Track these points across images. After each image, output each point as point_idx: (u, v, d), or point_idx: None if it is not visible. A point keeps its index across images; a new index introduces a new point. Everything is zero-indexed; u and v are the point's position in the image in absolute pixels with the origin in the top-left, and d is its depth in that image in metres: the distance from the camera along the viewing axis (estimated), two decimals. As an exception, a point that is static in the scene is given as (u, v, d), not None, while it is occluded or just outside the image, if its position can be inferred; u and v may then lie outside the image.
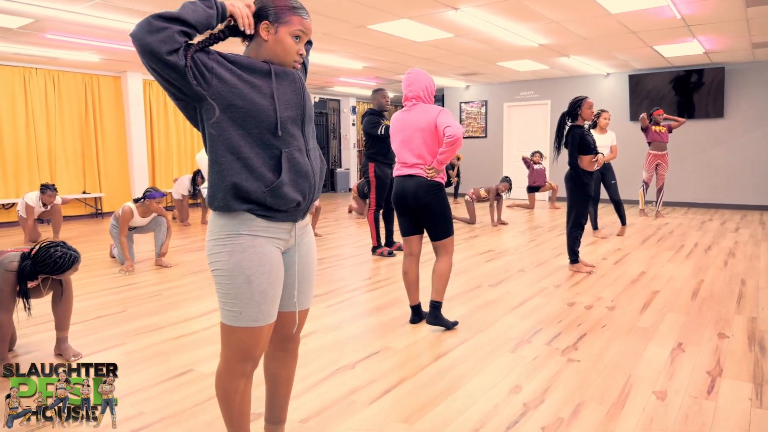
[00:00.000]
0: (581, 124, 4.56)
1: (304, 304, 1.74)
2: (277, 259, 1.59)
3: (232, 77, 1.46)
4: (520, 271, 4.56)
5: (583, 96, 4.55)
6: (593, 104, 4.51)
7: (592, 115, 4.49)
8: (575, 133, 4.49)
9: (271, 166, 1.52)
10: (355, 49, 6.99)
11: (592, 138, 4.54)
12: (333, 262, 5.07)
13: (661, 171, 7.82)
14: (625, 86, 9.48)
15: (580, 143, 4.47)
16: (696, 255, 5.15)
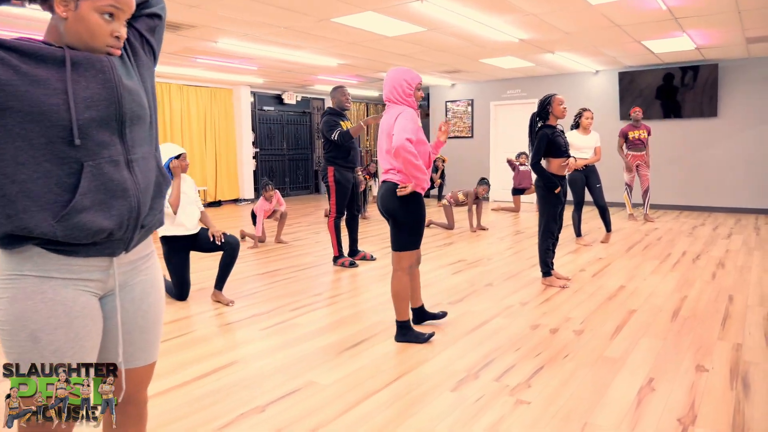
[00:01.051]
0: (553, 123, 4.17)
1: (139, 359, 1.35)
2: (84, 307, 1.20)
3: (5, 70, 1.07)
4: (488, 286, 4.17)
5: (551, 93, 4.17)
6: (563, 101, 4.12)
7: (564, 112, 4.10)
8: (543, 133, 4.10)
9: (67, 186, 1.14)
10: (325, 44, 6.60)
11: (563, 139, 4.15)
12: (287, 274, 4.68)
13: (643, 171, 7.43)
14: (614, 84, 9.08)
15: (549, 145, 4.09)
16: (683, 266, 4.76)
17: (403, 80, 2.91)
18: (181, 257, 3.81)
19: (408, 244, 2.91)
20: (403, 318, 2.96)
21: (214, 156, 10.49)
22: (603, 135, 9.17)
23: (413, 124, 2.80)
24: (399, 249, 2.93)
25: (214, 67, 8.17)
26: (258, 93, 11.42)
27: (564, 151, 4.14)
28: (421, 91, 2.93)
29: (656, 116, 8.70)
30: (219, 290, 3.84)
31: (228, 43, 6.39)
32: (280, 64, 8.03)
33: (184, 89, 9.90)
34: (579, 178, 5.66)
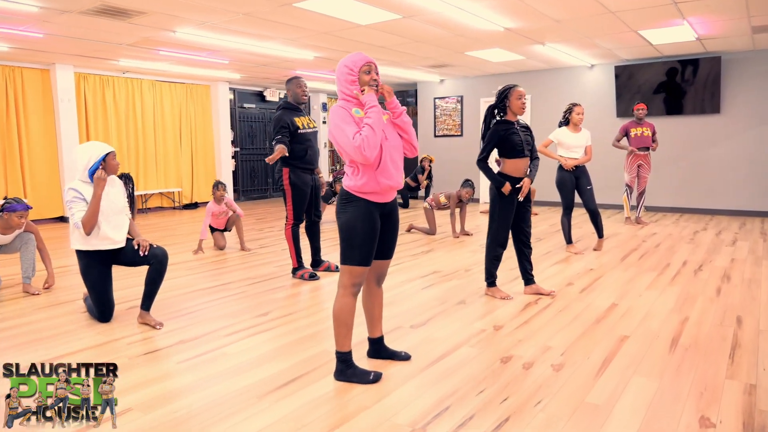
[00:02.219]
0: (512, 119, 3.66)
1: None
2: None
3: None
4: (460, 304, 3.65)
5: (511, 84, 3.67)
6: (524, 94, 3.62)
7: (522, 107, 3.61)
8: (495, 130, 3.60)
9: None
10: (294, 34, 6.07)
11: (520, 137, 3.63)
12: (237, 288, 4.16)
13: (644, 173, 6.91)
14: (611, 79, 8.55)
15: (501, 143, 3.58)
16: (683, 278, 4.23)
17: (344, 66, 2.40)
18: (102, 272, 3.29)
19: (345, 258, 2.39)
20: (343, 349, 2.43)
21: (190, 155, 9.97)
22: (599, 133, 8.67)
23: (343, 122, 2.30)
24: (341, 261, 2.43)
25: (183, 60, 7.65)
26: (238, 90, 10.90)
27: (519, 150, 3.62)
28: (373, 74, 2.40)
29: (655, 113, 8.17)
30: (146, 311, 3.31)
31: (187, 33, 5.87)
32: (252, 58, 7.50)
33: (156, 85, 9.37)
34: (568, 179, 5.14)
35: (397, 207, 2.58)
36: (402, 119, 2.48)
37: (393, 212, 2.52)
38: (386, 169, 2.37)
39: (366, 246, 2.38)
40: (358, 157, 2.27)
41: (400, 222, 2.69)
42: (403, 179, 2.51)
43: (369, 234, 2.37)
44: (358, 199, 2.37)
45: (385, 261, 2.58)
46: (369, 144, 2.26)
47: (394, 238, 2.58)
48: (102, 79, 8.65)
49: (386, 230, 2.50)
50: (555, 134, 5.19)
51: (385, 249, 2.54)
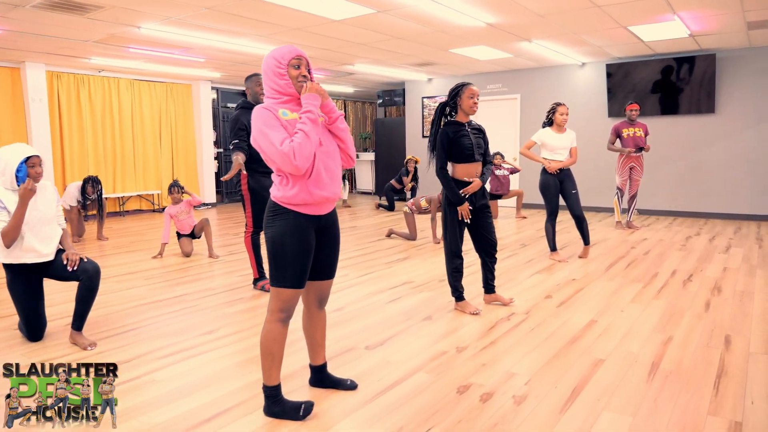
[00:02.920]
0: (463, 119, 3.38)
1: None
2: None
3: None
4: (425, 320, 3.36)
5: (464, 82, 3.39)
6: (477, 93, 3.34)
7: (474, 107, 3.34)
8: (443, 132, 3.32)
9: None
10: (265, 30, 5.78)
11: (471, 140, 3.36)
12: (190, 301, 3.87)
13: (636, 176, 6.63)
14: (602, 77, 8.26)
15: (450, 146, 3.31)
16: (670, 290, 3.94)
17: (271, 59, 2.11)
18: (29, 287, 3.00)
19: (273, 278, 2.11)
20: (270, 382, 2.14)
21: (170, 156, 9.68)
22: (590, 134, 8.39)
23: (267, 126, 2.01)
24: (270, 282, 2.14)
25: (157, 59, 7.36)
26: (221, 89, 10.61)
27: (469, 155, 3.35)
28: (303, 69, 2.11)
29: (650, 113, 7.88)
30: (77, 330, 3.01)
31: (153, 29, 5.58)
32: (228, 55, 7.22)
33: (135, 84, 9.08)
34: (552, 183, 4.85)
35: (337, 220, 2.29)
36: (338, 125, 2.19)
37: (331, 227, 2.23)
38: (319, 179, 2.08)
39: (297, 266, 2.08)
40: (288, 167, 1.98)
41: (340, 233, 2.40)
42: (340, 189, 2.22)
43: (300, 252, 2.08)
44: (287, 211, 2.08)
45: (325, 282, 2.30)
46: (301, 153, 1.97)
47: (335, 256, 2.29)
48: (76, 77, 8.36)
49: (324, 247, 2.21)
50: (538, 135, 4.91)
51: (324, 268, 2.25)
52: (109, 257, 5.52)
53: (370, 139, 13.35)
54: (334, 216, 2.25)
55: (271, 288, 2.12)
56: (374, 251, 5.63)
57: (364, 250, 5.66)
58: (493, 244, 3.53)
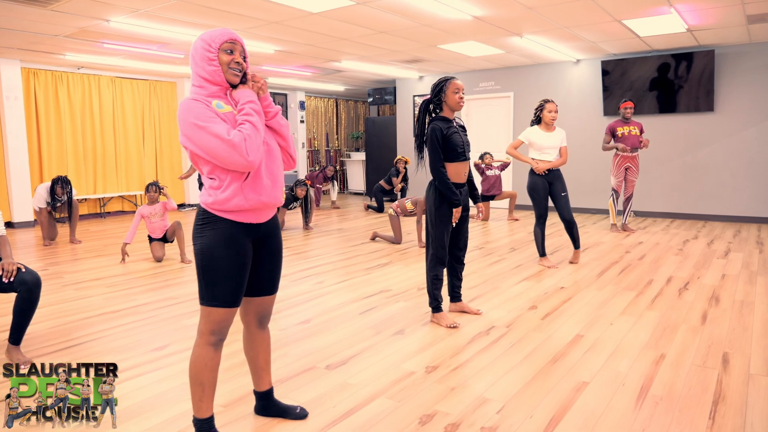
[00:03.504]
0: (449, 116, 3.14)
1: None
2: None
3: None
4: (397, 334, 3.09)
5: (448, 76, 3.15)
6: (462, 88, 3.10)
7: (460, 103, 3.11)
8: (435, 128, 3.09)
9: None
10: (243, 24, 5.51)
11: (461, 137, 3.13)
12: (148, 312, 3.59)
13: (631, 176, 6.36)
14: (598, 74, 7.99)
15: (444, 142, 3.08)
16: (665, 300, 3.67)
17: (201, 41, 1.84)
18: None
19: (202, 296, 1.84)
20: (200, 414, 1.86)
21: (154, 156, 9.41)
22: (586, 133, 8.13)
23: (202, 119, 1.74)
24: (199, 300, 1.87)
25: (135, 55, 7.09)
26: (208, 87, 10.33)
27: (461, 152, 3.12)
28: (236, 55, 1.84)
29: (648, 111, 7.61)
30: (14, 345, 2.75)
31: (122, 22, 5.31)
32: (209, 51, 6.94)
33: (116, 81, 8.81)
34: (541, 185, 4.58)
35: (278, 229, 2.02)
36: (277, 121, 1.93)
37: (271, 236, 1.96)
38: (258, 181, 1.82)
39: (230, 281, 1.82)
40: (237, 161, 1.71)
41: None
42: (282, 194, 1.95)
43: (234, 266, 1.82)
44: (218, 219, 1.82)
45: (267, 298, 2.03)
46: (252, 144, 1.72)
47: (276, 269, 2.02)
48: (54, 75, 8.09)
49: (262, 259, 1.95)
50: (525, 134, 4.64)
51: (264, 283, 1.99)
52: (78, 262, 5.25)
53: (361, 139, 13.09)
54: (275, 224, 1.99)
55: (201, 307, 1.86)
56: (356, 255, 5.36)
57: (345, 255, 5.40)
58: (463, 248, 3.31)
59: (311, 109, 12.34)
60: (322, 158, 12.68)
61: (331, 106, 12.89)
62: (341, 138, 13.17)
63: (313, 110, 12.42)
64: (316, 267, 4.86)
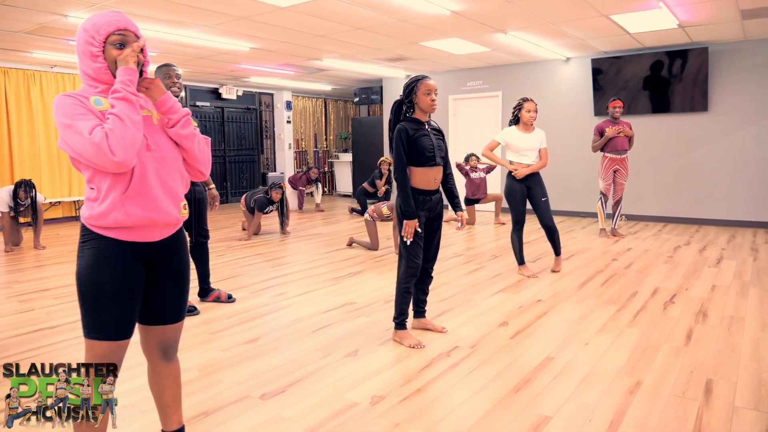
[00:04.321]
0: (421, 118, 2.88)
1: None
2: None
3: None
4: (349, 356, 2.81)
5: (419, 76, 2.89)
6: (434, 88, 2.84)
7: (432, 105, 2.85)
8: (401, 129, 2.82)
9: None
10: (210, 20, 5.24)
11: (432, 140, 2.87)
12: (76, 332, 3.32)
13: (620, 179, 6.08)
14: (588, 73, 7.71)
15: (409, 145, 2.82)
16: (648, 316, 3.39)
17: (83, 32, 1.58)
18: None
19: (84, 326, 1.56)
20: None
21: (133, 158, 9.12)
22: (575, 134, 7.84)
23: (69, 116, 1.46)
24: (83, 331, 1.59)
25: (106, 52, 6.81)
26: (190, 87, 10.07)
27: (430, 156, 2.85)
28: (130, 49, 1.57)
29: (640, 111, 7.33)
30: None
31: (81, 18, 5.03)
32: (182, 49, 6.67)
33: (92, 81, 8.52)
34: (518, 189, 4.30)
35: (181, 248, 1.73)
36: (178, 131, 1.65)
37: (171, 256, 1.68)
38: (144, 194, 1.54)
39: (113, 310, 1.54)
40: (104, 162, 1.44)
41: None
42: (178, 210, 1.67)
43: (117, 292, 1.53)
44: (99, 237, 1.54)
45: (169, 327, 1.74)
46: (116, 140, 1.44)
47: (179, 294, 1.73)
48: (26, 74, 7.81)
49: (162, 283, 1.67)
50: (502, 135, 4.36)
51: (165, 310, 1.70)
52: (39, 269, 4.98)
53: (349, 139, 12.81)
54: (177, 242, 1.71)
55: (85, 339, 1.58)
56: (328, 263, 5.08)
57: (316, 262, 5.12)
58: (432, 261, 3.04)
59: (299, 109, 12.07)
60: (310, 159, 12.40)
61: (319, 106, 12.61)
62: (330, 139, 12.89)
63: (301, 110, 12.15)
64: (282, 276, 4.59)
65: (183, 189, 1.72)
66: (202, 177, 1.77)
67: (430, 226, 2.95)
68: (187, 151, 1.69)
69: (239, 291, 4.10)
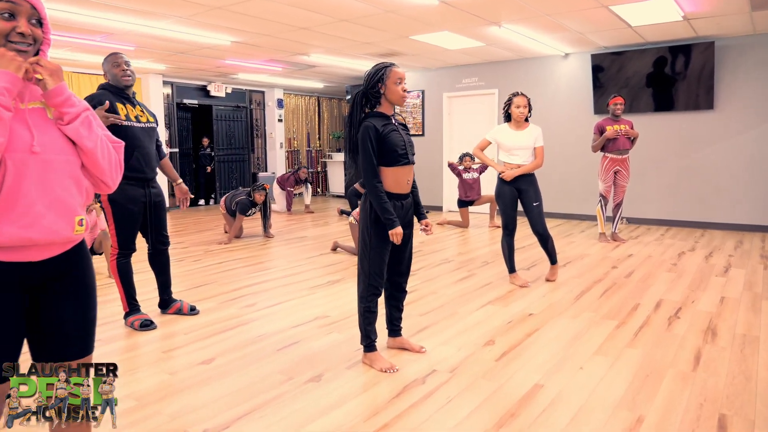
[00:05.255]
0: (387, 111, 2.56)
1: None
2: None
3: None
4: (311, 381, 2.47)
5: (386, 63, 2.56)
6: (403, 77, 2.51)
7: (403, 97, 2.52)
8: (368, 127, 2.48)
9: None
10: (183, 11, 4.90)
11: (401, 136, 2.53)
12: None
13: (621, 181, 5.75)
14: (587, 70, 7.37)
15: (379, 144, 2.49)
16: (651, 333, 3.06)
17: None
18: None
19: None
20: None
21: (116, 157, 8.80)
22: (575, 132, 7.50)
23: None
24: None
25: (83, 47, 6.49)
26: (177, 84, 9.75)
27: (402, 154, 2.52)
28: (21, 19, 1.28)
29: (643, 109, 7.00)
30: None
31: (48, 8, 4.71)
32: (161, 43, 6.35)
33: (72, 77, 8.21)
34: (508, 192, 3.97)
35: (81, 267, 1.41)
36: (76, 129, 1.34)
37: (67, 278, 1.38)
38: (18, 207, 1.23)
39: None
40: None
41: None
42: (71, 226, 1.35)
43: None
44: None
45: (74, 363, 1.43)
46: None
47: (81, 323, 1.42)
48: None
49: (53, 313, 1.36)
50: (493, 133, 4.03)
51: (62, 343, 1.38)
52: None
53: (342, 138, 12.47)
54: (75, 259, 1.39)
55: None
56: (307, 270, 4.75)
57: (295, 269, 4.79)
58: (405, 272, 2.71)
59: (291, 108, 11.74)
60: (303, 159, 12.08)
61: (312, 105, 12.28)
62: (323, 138, 12.56)
63: (294, 108, 11.82)
64: (256, 284, 4.26)
65: (81, 200, 1.39)
66: (107, 189, 1.46)
67: (401, 236, 2.62)
68: (86, 155, 1.37)
69: (206, 302, 3.78)
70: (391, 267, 2.68)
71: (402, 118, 2.66)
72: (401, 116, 2.65)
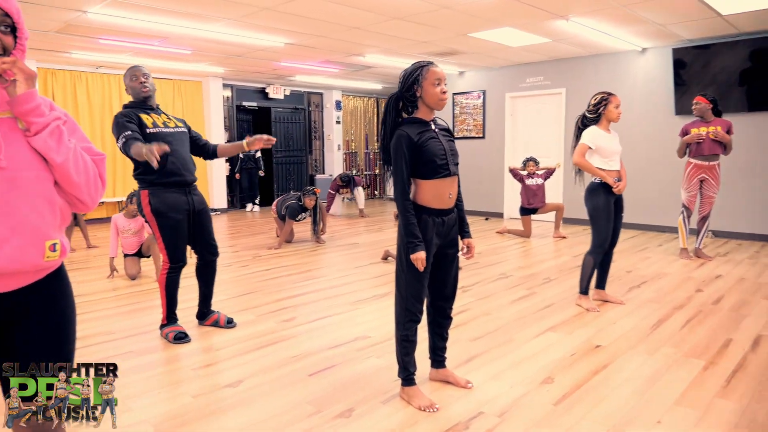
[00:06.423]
0: (426, 116, 2.25)
1: None
2: None
3: None
4: (341, 417, 2.20)
5: (422, 62, 2.24)
6: (444, 77, 2.21)
7: (443, 97, 2.20)
8: (405, 133, 2.19)
9: None
10: (234, 12, 4.81)
11: (441, 144, 2.22)
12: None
13: (708, 190, 5.08)
14: (669, 66, 6.67)
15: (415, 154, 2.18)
16: (748, 379, 2.54)
17: None
18: None
19: None
20: None
21: (178, 159, 9.03)
22: (654, 137, 6.82)
23: None
24: None
25: (142, 52, 6.63)
26: (237, 86, 9.88)
27: (443, 165, 2.19)
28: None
29: (733, 109, 6.21)
30: None
31: (101, 13, 4.78)
32: (216, 46, 6.36)
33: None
34: (610, 205, 3.51)
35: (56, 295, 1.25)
36: (43, 141, 1.18)
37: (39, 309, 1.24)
38: None
39: None
40: None
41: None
42: (41, 252, 1.17)
43: None
44: None
45: None
46: None
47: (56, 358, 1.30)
48: (73, 74, 7.85)
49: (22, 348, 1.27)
50: (591, 137, 3.48)
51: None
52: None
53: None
54: (45, 293, 1.22)
55: None
56: (354, 281, 4.52)
57: (341, 280, 4.57)
58: (451, 299, 2.39)
59: (350, 109, 11.64)
60: (360, 161, 11.94)
61: (371, 106, 12.12)
62: (357, 135, 12.33)
63: (352, 110, 11.71)
64: (298, 296, 4.07)
65: (54, 222, 1.21)
66: (84, 208, 1.28)
67: (443, 257, 2.30)
68: (56, 170, 1.19)
69: (246, 313, 3.63)
70: (434, 290, 2.38)
71: (443, 121, 2.33)
72: (442, 119, 2.33)
